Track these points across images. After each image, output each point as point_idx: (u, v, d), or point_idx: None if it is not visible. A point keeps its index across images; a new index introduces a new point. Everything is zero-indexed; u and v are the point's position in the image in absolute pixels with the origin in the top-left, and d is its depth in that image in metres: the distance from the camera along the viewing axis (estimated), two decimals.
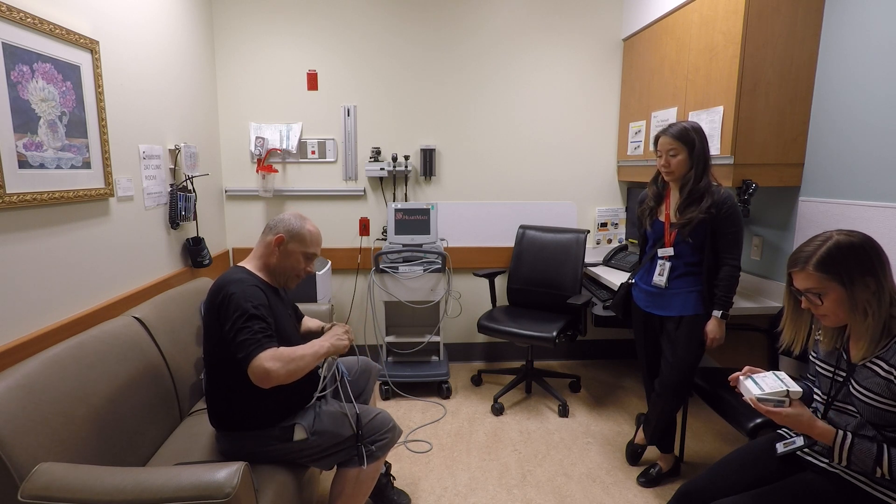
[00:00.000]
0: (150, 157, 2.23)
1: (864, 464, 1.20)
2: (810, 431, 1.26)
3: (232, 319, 1.41)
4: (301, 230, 1.62)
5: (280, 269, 1.62)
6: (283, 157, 3.16)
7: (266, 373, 1.35)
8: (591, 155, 3.30)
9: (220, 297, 1.46)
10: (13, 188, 1.47)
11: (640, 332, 2.17)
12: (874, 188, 1.86)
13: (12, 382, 1.24)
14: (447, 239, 3.26)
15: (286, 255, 1.61)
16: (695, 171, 1.91)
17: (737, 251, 1.93)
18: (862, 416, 1.27)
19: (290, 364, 1.40)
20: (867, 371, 1.25)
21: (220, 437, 1.59)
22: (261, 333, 1.40)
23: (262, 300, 1.48)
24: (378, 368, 2.08)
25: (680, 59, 2.53)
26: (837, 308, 1.25)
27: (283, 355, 1.40)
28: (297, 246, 1.61)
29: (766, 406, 1.27)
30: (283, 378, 1.39)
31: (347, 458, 1.62)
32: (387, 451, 1.70)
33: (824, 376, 1.38)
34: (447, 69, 3.15)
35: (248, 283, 1.49)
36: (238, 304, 1.42)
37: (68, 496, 1.08)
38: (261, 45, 3.05)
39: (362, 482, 1.64)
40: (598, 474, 2.23)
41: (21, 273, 1.52)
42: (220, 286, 1.48)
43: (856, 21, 1.94)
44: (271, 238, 1.61)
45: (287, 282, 1.66)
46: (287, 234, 1.61)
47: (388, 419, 1.72)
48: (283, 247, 1.61)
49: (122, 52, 2.03)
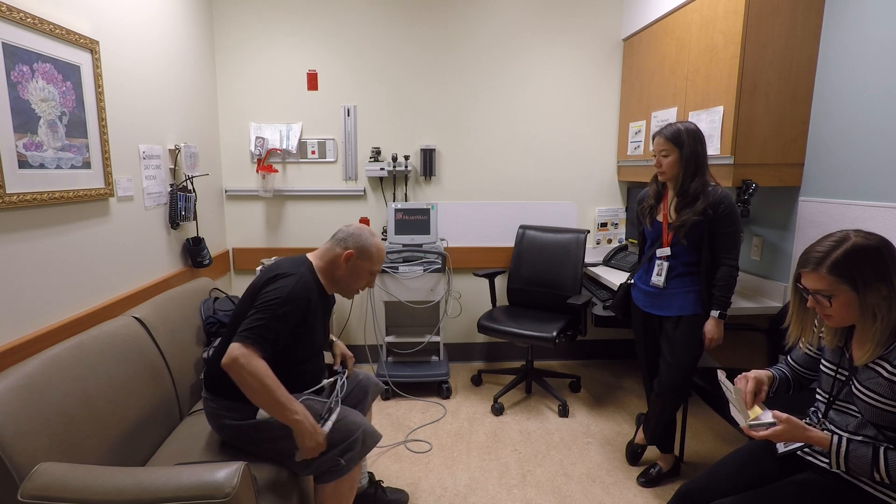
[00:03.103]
0: (150, 157, 2.23)
1: (861, 469, 1.20)
2: (807, 441, 1.26)
3: (266, 300, 1.46)
4: (370, 248, 1.65)
5: (344, 283, 1.67)
6: (283, 157, 3.16)
7: (233, 361, 1.37)
8: (591, 155, 3.30)
9: (275, 276, 1.50)
10: (13, 188, 1.47)
11: (640, 333, 2.17)
12: (874, 188, 1.86)
13: (12, 382, 1.24)
14: (447, 239, 3.26)
15: (353, 270, 1.64)
16: (684, 172, 1.92)
17: (735, 251, 1.93)
18: (863, 416, 1.27)
19: (254, 379, 1.38)
20: (870, 371, 1.25)
21: (205, 399, 1.61)
22: (271, 334, 1.44)
23: (303, 307, 1.51)
24: (381, 388, 2.03)
25: (680, 59, 2.53)
26: (845, 311, 1.23)
27: (259, 369, 1.39)
28: (365, 264, 1.65)
29: (757, 432, 1.27)
30: (235, 377, 1.39)
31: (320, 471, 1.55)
32: (358, 460, 1.57)
33: (827, 374, 1.38)
34: (447, 69, 3.15)
35: (305, 282, 1.54)
36: (279, 295, 1.46)
37: (68, 496, 1.08)
38: (261, 45, 3.05)
39: (341, 494, 1.60)
40: (598, 474, 2.23)
41: (21, 273, 1.52)
42: (284, 271, 1.53)
43: (856, 21, 1.94)
44: (341, 252, 1.63)
45: (348, 294, 1.70)
46: (357, 251, 1.63)
47: (353, 426, 1.57)
48: (352, 262, 1.63)
49: (122, 52, 2.03)
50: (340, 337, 3.33)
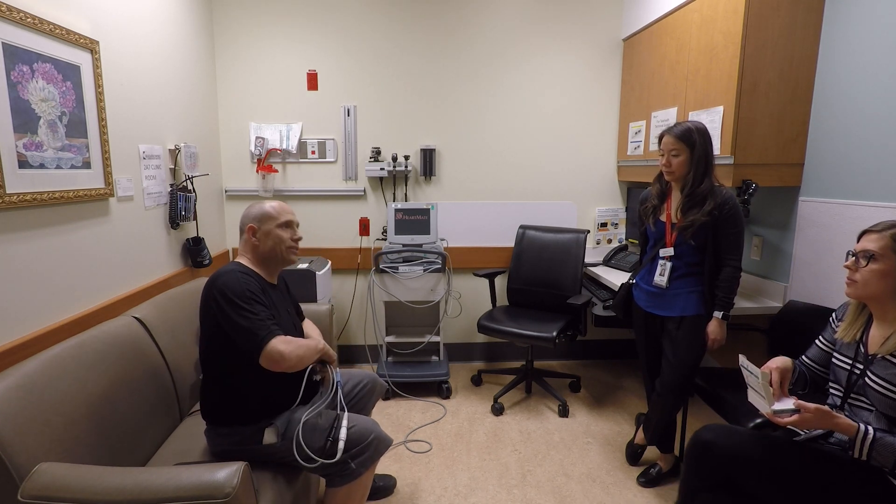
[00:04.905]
0: (150, 157, 2.23)
1: (885, 458, 1.21)
2: (835, 428, 1.26)
3: (232, 304, 1.45)
4: (263, 211, 1.65)
5: (271, 253, 1.64)
6: (283, 157, 3.15)
7: (280, 355, 1.43)
8: (591, 155, 3.30)
9: (216, 288, 1.49)
10: (13, 188, 1.47)
11: (641, 333, 2.17)
12: (874, 188, 1.86)
13: (12, 382, 1.24)
14: (447, 239, 3.26)
15: (266, 237, 1.63)
16: (694, 173, 1.90)
17: (738, 252, 1.93)
18: (876, 407, 1.27)
19: (298, 349, 1.49)
20: (886, 363, 1.27)
21: (206, 431, 1.61)
22: (269, 320, 1.47)
23: (256, 288, 1.52)
24: (384, 388, 2.04)
25: (680, 59, 2.53)
26: (876, 279, 1.28)
27: (291, 340, 1.49)
28: (269, 224, 1.64)
29: (782, 418, 1.26)
30: (293, 362, 1.47)
31: (329, 473, 1.56)
32: (369, 465, 1.60)
33: (841, 368, 1.39)
34: (447, 69, 3.15)
35: (240, 272, 1.54)
36: (235, 289, 1.47)
37: (68, 496, 1.08)
38: (261, 45, 3.05)
39: (353, 499, 1.61)
40: (598, 474, 2.23)
41: (21, 273, 1.52)
42: (214, 278, 1.53)
43: (855, 21, 1.94)
44: (246, 236, 1.64)
45: (285, 258, 1.67)
46: (255, 221, 1.64)
47: (365, 433, 1.59)
48: (259, 232, 1.63)
49: (122, 52, 2.03)
50: (340, 337, 3.33)
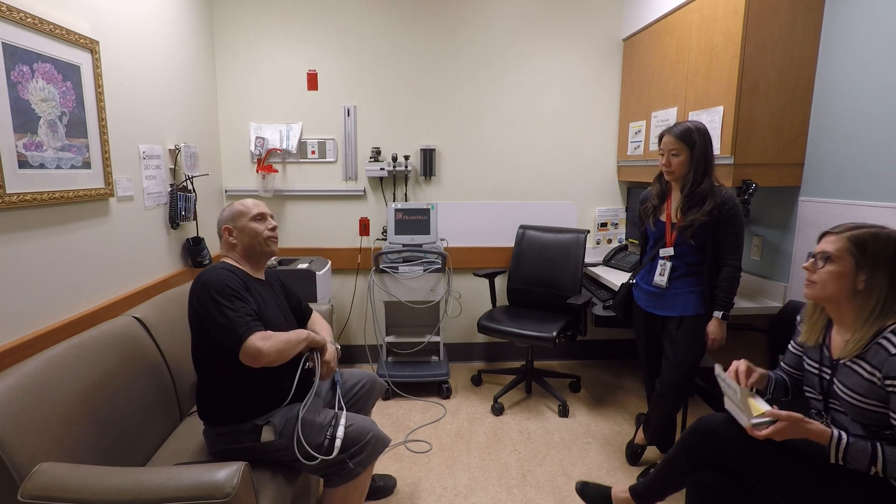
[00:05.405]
0: (150, 157, 2.23)
1: (859, 462, 1.21)
2: (808, 435, 1.24)
3: (213, 301, 1.47)
4: (233, 210, 1.70)
5: (250, 247, 1.69)
6: (283, 157, 3.15)
7: (258, 351, 1.43)
8: (591, 155, 3.30)
9: (198, 285, 1.51)
10: (13, 188, 1.47)
11: (641, 333, 2.17)
12: (874, 188, 1.86)
13: (12, 382, 1.24)
14: (447, 239, 3.26)
15: (242, 233, 1.67)
16: (694, 173, 1.90)
17: (738, 252, 1.93)
18: (847, 414, 1.27)
19: (276, 344, 1.48)
20: (848, 370, 1.26)
21: (204, 431, 1.61)
22: (249, 316, 1.48)
23: (236, 283, 1.54)
24: (384, 388, 2.04)
25: (680, 59, 2.53)
26: (832, 280, 1.27)
27: (270, 335, 1.49)
28: (242, 220, 1.68)
29: (760, 430, 1.26)
30: (273, 357, 1.47)
31: (327, 473, 1.57)
32: (367, 465, 1.59)
33: (811, 373, 1.39)
34: (447, 69, 3.15)
35: (222, 268, 1.57)
36: (215, 285, 1.49)
37: (68, 496, 1.08)
38: (261, 45, 3.05)
39: (351, 499, 1.61)
40: (598, 474, 2.23)
41: (21, 273, 1.52)
42: (197, 277, 1.55)
43: (855, 21, 1.93)
44: (224, 237, 1.69)
45: (264, 249, 1.71)
46: (228, 222, 1.68)
47: (363, 432, 1.59)
48: (235, 231, 1.67)
49: (122, 52, 2.03)
50: (340, 337, 3.33)
